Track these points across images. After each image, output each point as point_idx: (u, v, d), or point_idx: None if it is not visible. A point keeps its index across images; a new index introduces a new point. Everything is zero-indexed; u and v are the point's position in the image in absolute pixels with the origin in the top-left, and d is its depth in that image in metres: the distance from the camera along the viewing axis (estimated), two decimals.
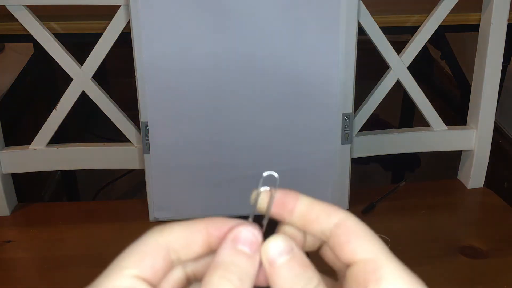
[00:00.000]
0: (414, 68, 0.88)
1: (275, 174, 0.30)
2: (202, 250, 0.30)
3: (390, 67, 0.87)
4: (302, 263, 0.28)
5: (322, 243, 0.31)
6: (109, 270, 0.28)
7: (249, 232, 0.29)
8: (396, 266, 0.28)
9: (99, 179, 1.52)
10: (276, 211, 0.30)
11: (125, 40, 0.79)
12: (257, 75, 0.80)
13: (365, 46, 0.84)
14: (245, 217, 0.30)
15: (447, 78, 1.75)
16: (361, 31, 0.81)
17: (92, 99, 0.85)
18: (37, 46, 0.84)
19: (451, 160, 1.03)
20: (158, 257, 0.29)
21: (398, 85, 0.88)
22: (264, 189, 0.30)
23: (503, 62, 0.88)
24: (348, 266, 0.29)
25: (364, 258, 0.28)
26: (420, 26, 0.86)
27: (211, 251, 0.29)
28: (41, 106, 1.39)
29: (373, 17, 0.83)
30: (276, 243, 0.29)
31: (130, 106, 0.87)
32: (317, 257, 0.31)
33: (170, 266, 0.29)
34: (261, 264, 0.29)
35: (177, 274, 0.30)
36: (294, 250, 0.29)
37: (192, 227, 0.30)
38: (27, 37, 0.83)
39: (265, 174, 0.31)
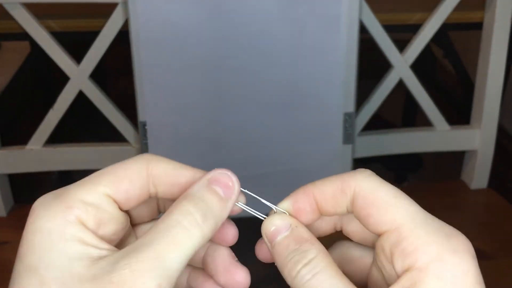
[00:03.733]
0: (417, 67, 0.87)
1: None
2: (181, 193, 0.29)
3: (393, 65, 0.86)
4: (299, 239, 0.28)
5: (341, 223, 0.31)
6: (83, 182, 0.27)
7: (228, 177, 0.28)
8: (423, 231, 0.26)
9: None
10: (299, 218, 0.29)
11: (123, 38, 0.78)
12: (257, 74, 0.79)
13: (367, 45, 0.83)
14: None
15: (450, 77, 1.73)
16: (363, 29, 0.80)
17: (90, 99, 0.84)
18: (34, 44, 0.83)
19: (454, 161, 1.02)
20: (135, 186, 0.28)
21: (400, 84, 0.87)
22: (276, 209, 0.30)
23: (507, 61, 0.87)
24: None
25: (388, 230, 0.27)
26: (423, 24, 0.86)
27: None
28: (38, 106, 1.38)
29: (375, 15, 0.82)
30: (272, 220, 0.28)
31: (128, 106, 0.86)
32: None
33: (146, 197, 0.29)
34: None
35: (151, 205, 0.31)
36: (293, 226, 0.28)
37: (181, 170, 0.29)
38: (24, 36, 0.82)
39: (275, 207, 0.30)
